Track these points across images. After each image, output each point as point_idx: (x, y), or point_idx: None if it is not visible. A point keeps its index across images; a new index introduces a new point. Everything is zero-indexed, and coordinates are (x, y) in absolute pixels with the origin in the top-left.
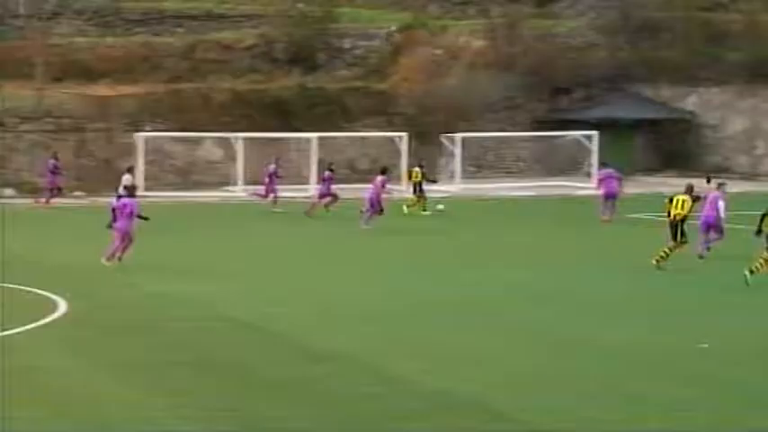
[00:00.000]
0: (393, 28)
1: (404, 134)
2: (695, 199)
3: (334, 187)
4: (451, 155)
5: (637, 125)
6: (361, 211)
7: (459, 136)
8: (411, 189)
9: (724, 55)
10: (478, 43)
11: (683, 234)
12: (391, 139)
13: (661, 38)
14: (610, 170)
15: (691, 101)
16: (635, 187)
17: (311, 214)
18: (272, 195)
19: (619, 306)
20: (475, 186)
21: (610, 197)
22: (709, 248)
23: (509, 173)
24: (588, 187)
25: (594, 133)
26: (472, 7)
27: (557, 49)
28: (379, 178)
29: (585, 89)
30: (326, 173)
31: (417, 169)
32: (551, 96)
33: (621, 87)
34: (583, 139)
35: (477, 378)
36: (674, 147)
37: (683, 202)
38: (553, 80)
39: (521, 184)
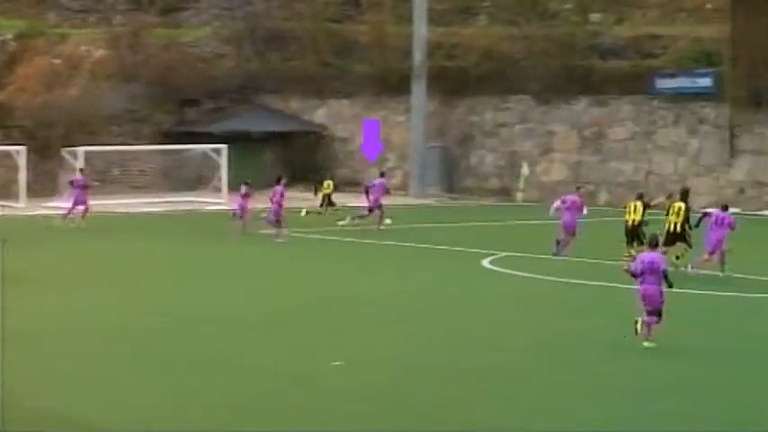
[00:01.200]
0: (8, 36)
1: (22, 148)
2: (646, 205)
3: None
4: (74, 169)
5: (267, 138)
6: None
7: (81, 149)
8: (320, 200)
9: (353, 67)
10: (100, 52)
11: (639, 238)
12: (8, 154)
13: (290, 49)
14: (382, 180)
15: (320, 113)
16: (266, 202)
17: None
18: (80, 207)
19: (261, 325)
20: (100, 202)
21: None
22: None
23: (135, 188)
24: (218, 202)
25: (223, 147)
26: (93, 15)
27: (183, 59)
28: (278, 188)
29: (214, 101)
30: (243, 188)
31: (330, 181)
32: (178, 108)
33: (251, 99)
34: (211, 153)
35: (89, 398)
36: (304, 160)
37: (636, 207)
38: (180, 91)
39: (148, 200)
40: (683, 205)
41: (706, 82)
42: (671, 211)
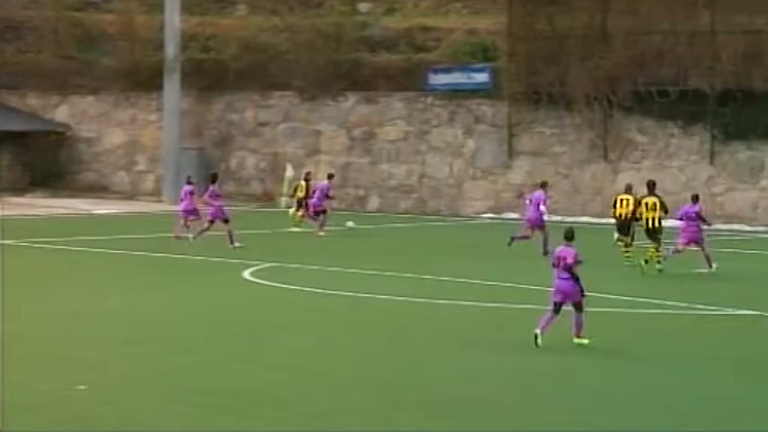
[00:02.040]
0: None
1: None
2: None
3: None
4: None
5: (1, 138)
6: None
7: None
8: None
9: (98, 60)
10: None
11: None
12: None
13: (27, 40)
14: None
15: (63, 111)
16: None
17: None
18: None
19: None
20: None
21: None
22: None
23: None
24: None
25: None
26: None
27: None
28: (211, 188)
29: None
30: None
31: (303, 183)
32: None
33: None
34: None
35: None
36: (45, 163)
37: (627, 201)
38: None
39: None
40: (656, 199)
41: (482, 77)
42: (645, 208)
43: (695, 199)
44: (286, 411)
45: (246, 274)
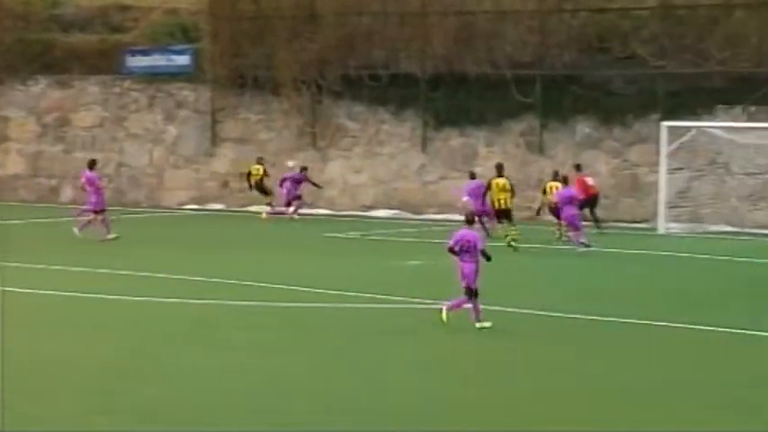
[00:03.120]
0: None
1: None
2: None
3: None
4: None
5: None
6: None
7: None
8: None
9: None
10: None
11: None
12: None
13: None
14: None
15: None
16: None
17: None
18: None
19: None
20: None
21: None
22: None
23: None
24: None
25: None
26: None
27: None
28: (88, 174)
29: None
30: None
31: (259, 166)
32: None
33: None
34: None
35: None
36: None
37: (556, 187)
38: None
39: None
40: (506, 181)
41: (183, 60)
42: (495, 188)
43: (565, 181)
44: None
45: None
